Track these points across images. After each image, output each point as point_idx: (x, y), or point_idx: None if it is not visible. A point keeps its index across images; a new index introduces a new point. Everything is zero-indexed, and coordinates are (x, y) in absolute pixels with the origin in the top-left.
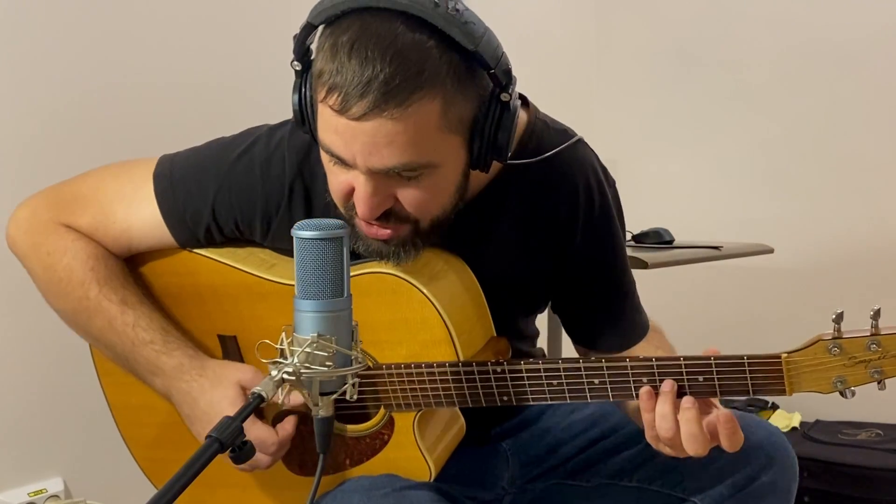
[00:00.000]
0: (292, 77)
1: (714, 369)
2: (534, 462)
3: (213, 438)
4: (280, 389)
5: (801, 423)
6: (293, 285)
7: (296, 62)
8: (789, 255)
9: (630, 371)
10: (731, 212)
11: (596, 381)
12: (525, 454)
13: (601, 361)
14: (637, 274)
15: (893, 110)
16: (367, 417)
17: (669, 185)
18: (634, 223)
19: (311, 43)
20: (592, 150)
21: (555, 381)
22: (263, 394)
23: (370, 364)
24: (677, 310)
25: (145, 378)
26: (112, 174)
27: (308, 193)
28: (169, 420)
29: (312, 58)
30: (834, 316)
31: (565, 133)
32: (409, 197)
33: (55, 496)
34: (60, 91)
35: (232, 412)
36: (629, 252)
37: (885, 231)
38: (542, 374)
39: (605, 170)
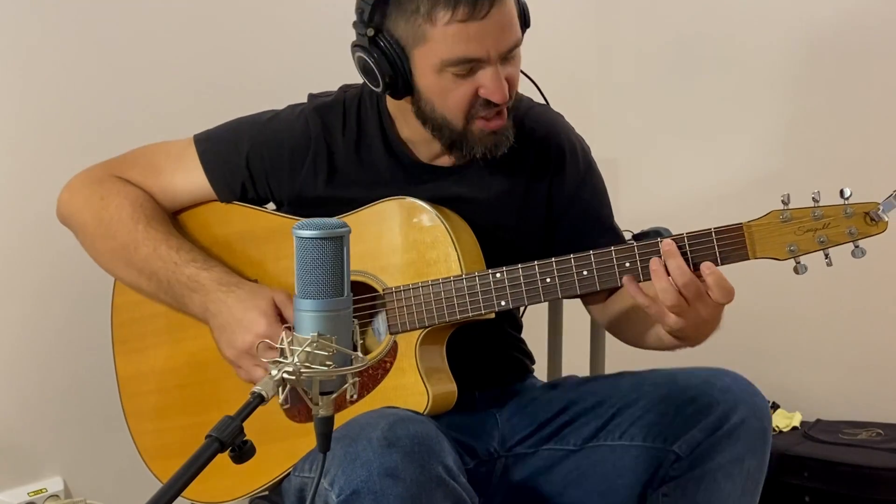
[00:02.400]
0: (292, 79)
1: (686, 243)
2: (520, 428)
3: (213, 438)
4: (280, 389)
5: (802, 423)
6: None
7: (369, 29)
8: None
9: (615, 258)
10: (732, 212)
11: (585, 271)
12: (511, 419)
13: (589, 253)
14: None
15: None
16: (367, 349)
17: (670, 185)
18: (635, 222)
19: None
20: (567, 121)
21: (548, 279)
22: (264, 393)
23: (379, 289)
24: None
25: (184, 297)
26: (156, 144)
27: (329, 149)
28: (172, 384)
29: (390, 12)
30: (783, 197)
31: (543, 106)
32: (512, 75)
33: (55, 496)
34: (63, 91)
35: (262, 321)
36: None
37: (887, 231)
38: (537, 272)
39: (581, 137)
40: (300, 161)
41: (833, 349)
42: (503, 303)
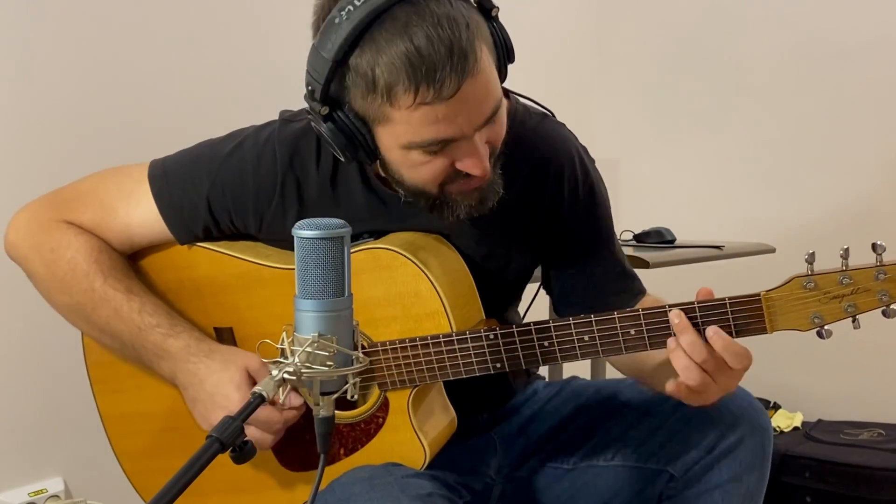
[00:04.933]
0: (285, 79)
1: (698, 313)
2: (518, 449)
3: (213, 438)
4: (281, 389)
5: (803, 423)
6: (291, 269)
7: (323, 107)
8: (791, 255)
9: (619, 324)
10: (732, 211)
11: (586, 337)
12: (511, 442)
13: (590, 317)
14: (639, 273)
15: (894, 109)
16: (356, 404)
17: (671, 185)
18: (636, 223)
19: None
20: (570, 131)
21: (546, 343)
22: (264, 393)
23: (365, 344)
24: None
25: (152, 363)
26: (109, 176)
27: (300, 186)
28: (161, 426)
29: (347, 88)
30: (807, 256)
31: (545, 115)
32: (495, 133)
33: (55, 496)
34: (56, 97)
35: (236, 395)
36: (630, 252)
37: (886, 231)
38: (534, 335)
39: (584, 149)
40: (266, 201)
41: (834, 350)
42: (498, 365)
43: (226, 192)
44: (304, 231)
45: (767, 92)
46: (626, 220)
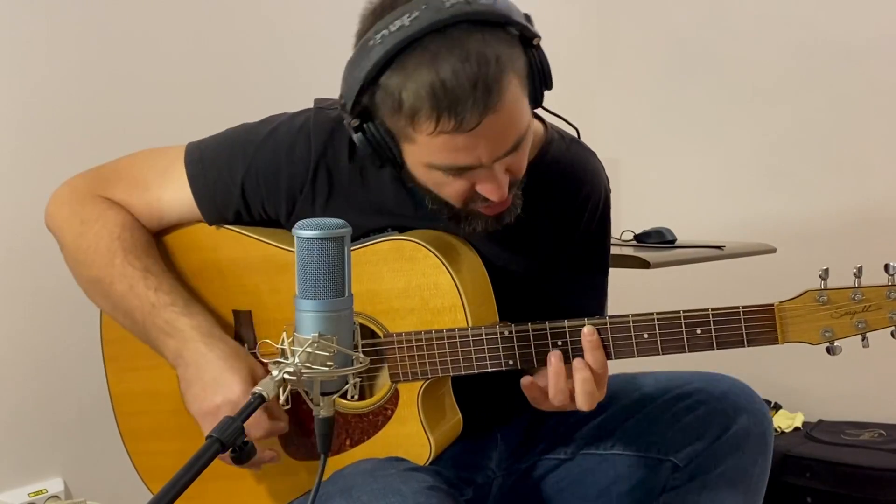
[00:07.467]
0: (292, 78)
1: (711, 320)
2: (519, 442)
3: (213, 438)
4: (281, 389)
5: (804, 424)
6: None
7: (353, 119)
8: (792, 255)
9: (632, 326)
10: (733, 211)
11: (601, 338)
12: (512, 436)
13: (605, 318)
14: (639, 273)
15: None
16: (365, 395)
17: (672, 185)
18: (637, 222)
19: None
20: (601, 162)
21: (560, 342)
22: (264, 394)
23: (380, 334)
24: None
25: (158, 341)
26: (146, 155)
27: (331, 174)
28: (168, 407)
29: (377, 104)
30: (821, 272)
31: (580, 144)
32: (517, 163)
33: (55, 496)
34: (67, 91)
35: (237, 390)
36: (630, 252)
37: (887, 231)
38: (548, 334)
39: (608, 183)
40: (298, 188)
41: None
42: (511, 362)
43: (260, 179)
44: (303, 231)
45: (769, 92)
46: (627, 219)
